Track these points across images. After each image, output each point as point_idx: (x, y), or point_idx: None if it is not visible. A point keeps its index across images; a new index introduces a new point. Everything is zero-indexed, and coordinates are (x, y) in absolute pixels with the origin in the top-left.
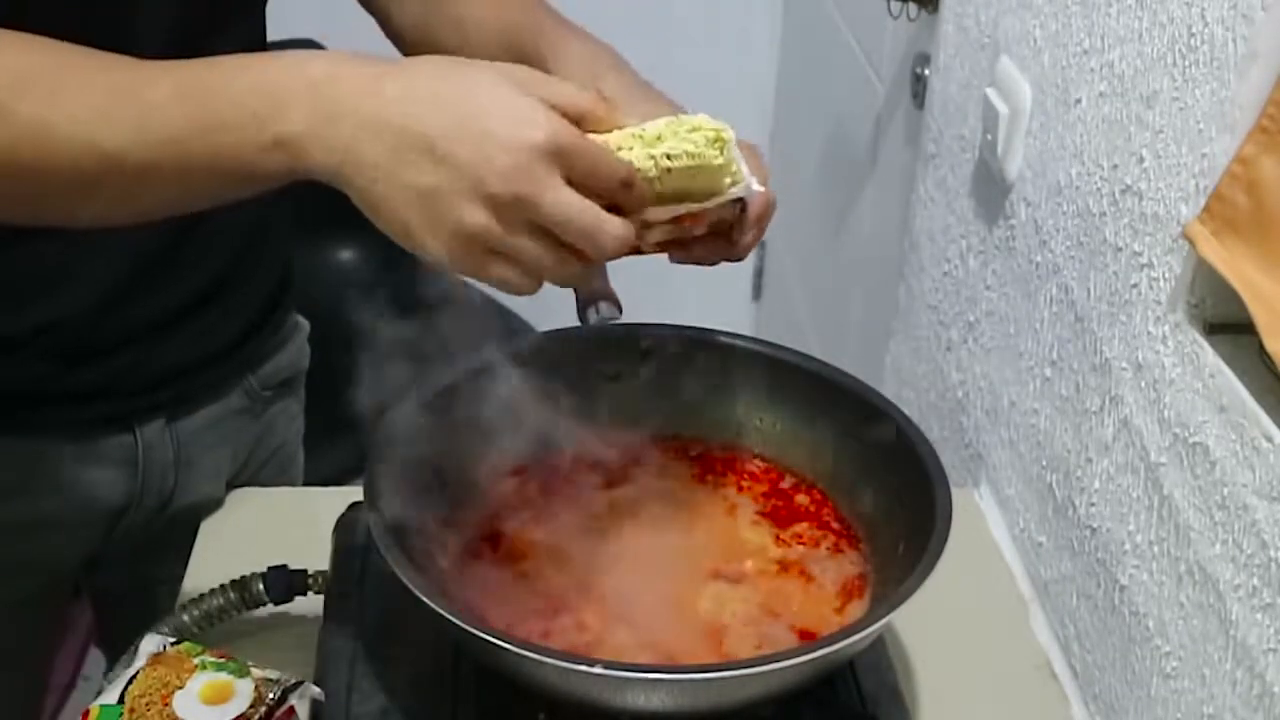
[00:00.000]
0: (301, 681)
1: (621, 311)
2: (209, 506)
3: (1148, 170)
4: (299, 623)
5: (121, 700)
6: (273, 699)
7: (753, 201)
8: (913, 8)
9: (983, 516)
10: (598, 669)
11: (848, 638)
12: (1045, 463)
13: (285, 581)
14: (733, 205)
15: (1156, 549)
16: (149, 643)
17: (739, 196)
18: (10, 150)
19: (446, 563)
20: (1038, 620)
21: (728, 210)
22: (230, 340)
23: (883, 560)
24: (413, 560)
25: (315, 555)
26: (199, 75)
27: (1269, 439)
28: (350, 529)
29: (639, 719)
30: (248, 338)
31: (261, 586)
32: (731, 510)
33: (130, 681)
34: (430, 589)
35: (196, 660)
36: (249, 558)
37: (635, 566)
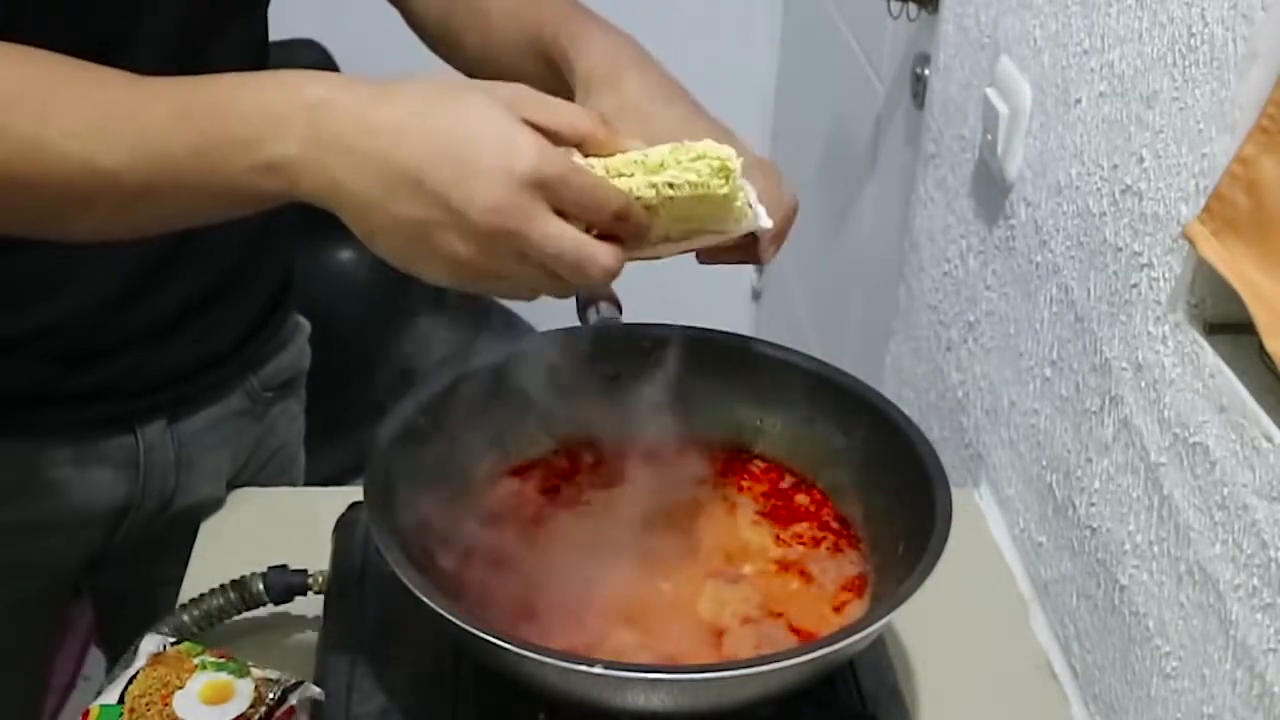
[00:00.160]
0: (301, 681)
1: (621, 311)
2: (209, 507)
3: (1148, 170)
4: (299, 623)
5: (121, 700)
6: (273, 699)
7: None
8: (913, 8)
9: (983, 516)
10: (598, 669)
11: (848, 638)
12: (1045, 463)
13: (285, 581)
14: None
15: (1156, 549)
16: (149, 643)
17: (749, 232)
18: (4, 165)
19: (446, 563)
20: (1038, 620)
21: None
22: (231, 341)
23: (883, 560)
24: (413, 560)
25: (315, 555)
26: (196, 94)
27: (1269, 439)
28: (350, 529)
29: (639, 719)
30: (249, 339)
31: (261, 586)
32: (731, 510)
33: (130, 681)
34: (430, 589)
35: (196, 660)
36: (249, 558)
37: (635, 566)
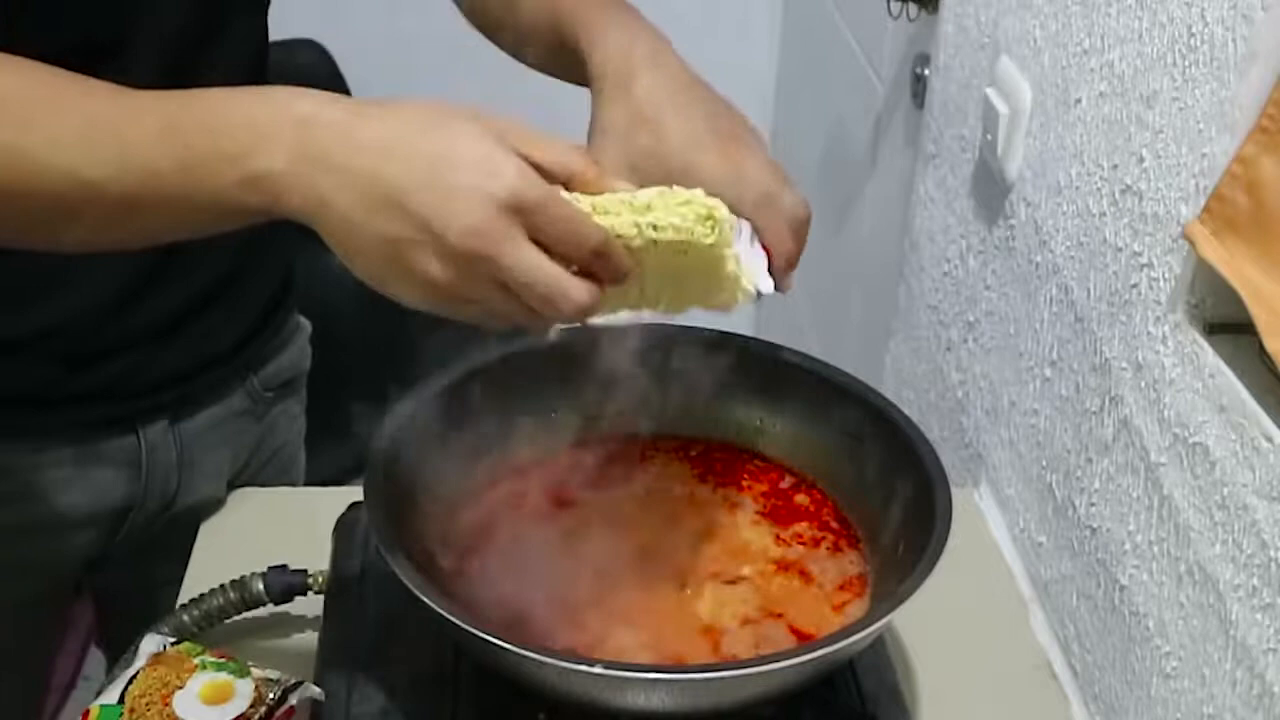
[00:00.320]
0: (301, 681)
1: None
2: (210, 507)
3: (1148, 170)
4: (299, 623)
5: (121, 700)
6: (273, 699)
7: (782, 238)
8: (913, 8)
9: (983, 516)
10: (598, 669)
11: (848, 638)
12: (1045, 463)
13: (285, 581)
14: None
15: (1156, 549)
16: (149, 643)
17: (750, 297)
18: None
19: (446, 563)
20: (1038, 620)
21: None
22: (233, 342)
23: (883, 560)
24: (413, 560)
25: (315, 555)
26: (183, 108)
27: (1269, 439)
28: (350, 529)
29: (639, 719)
30: (250, 339)
31: (261, 586)
32: (731, 510)
33: (130, 681)
34: (430, 589)
35: (196, 660)
36: (249, 558)
37: (635, 566)
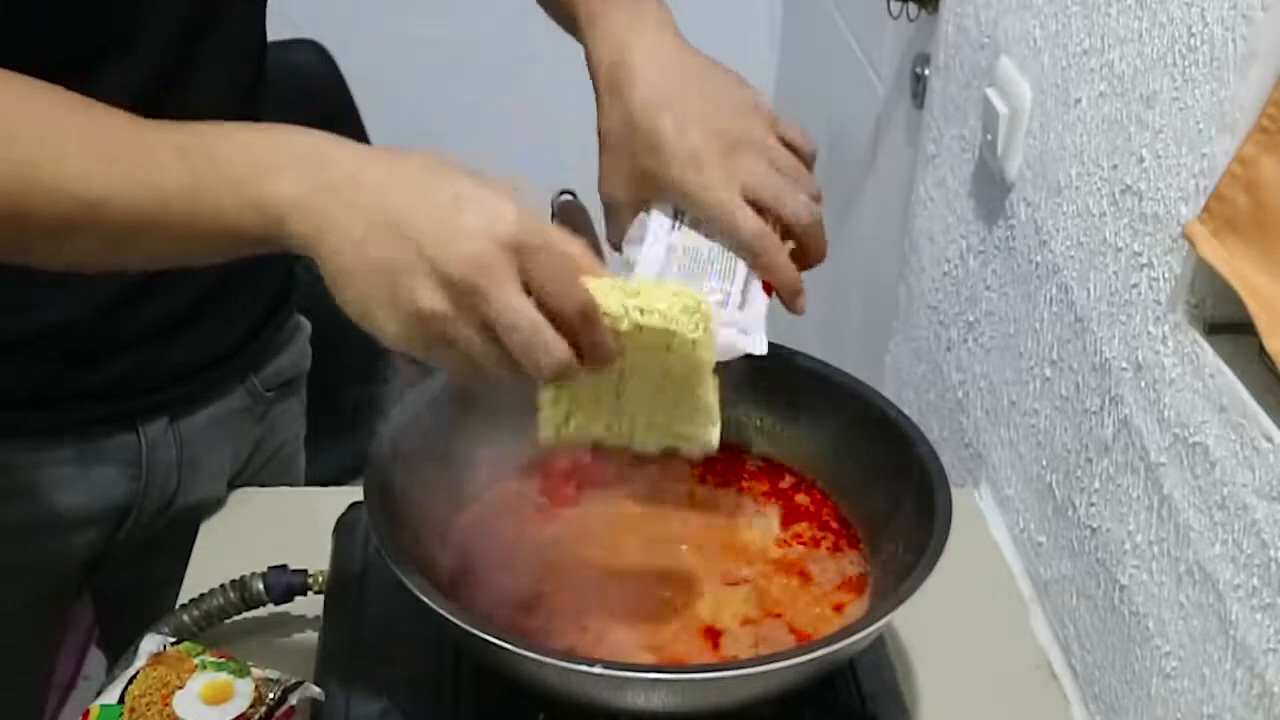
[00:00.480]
0: (301, 681)
1: None
2: (210, 507)
3: (1148, 170)
4: (299, 623)
5: (122, 700)
6: (273, 699)
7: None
8: (913, 8)
9: (983, 516)
10: (598, 669)
11: (848, 638)
12: (1045, 463)
13: (285, 581)
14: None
15: (1156, 549)
16: (149, 642)
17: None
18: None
19: (446, 563)
20: (1038, 620)
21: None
22: (233, 341)
23: (883, 560)
24: (413, 560)
25: (315, 555)
26: (195, 135)
27: (1269, 439)
28: (350, 529)
29: (639, 719)
30: (251, 339)
31: (261, 586)
32: (732, 510)
33: (130, 681)
34: (430, 589)
35: (196, 660)
36: (249, 558)
37: (635, 567)
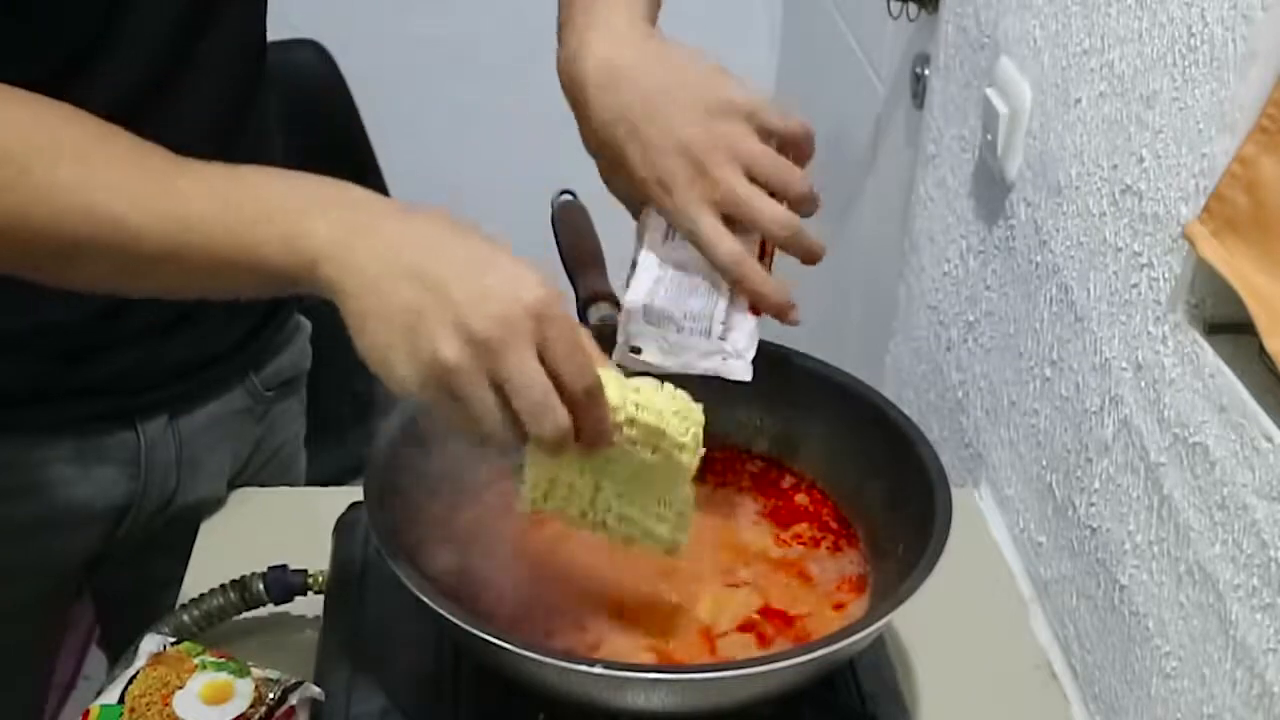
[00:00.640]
0: (301, 681)
1: (620, 311)
2: (210, 506)
3: (1148, 170)
4: (299, 623)
5: (122, 700)
6: (273, 699)
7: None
8: (913, 8)
9: (983, 516)
10: (598, 669)
11: (848, 638)
12: (1045, 463)
13: (285, 581)
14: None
15: (1156, 549)
16: (149, 642)
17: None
18: (31, 212)
19: (446, 563)
20: (1038, 620)
21: None
22: (233, 340)
23: (883, 560)
24: (413, 560)
25: (315, 555)
26: (236, 172)
27: (1269, 439)
28: (350, 529)
29: (639, 719)
30: (251, 338)
31: (261, 586)
32: (731, 510)
33: (130, 681)
34: (430, 589)
35: (196, 660)
36: (249, 558)
37: (635, 567)
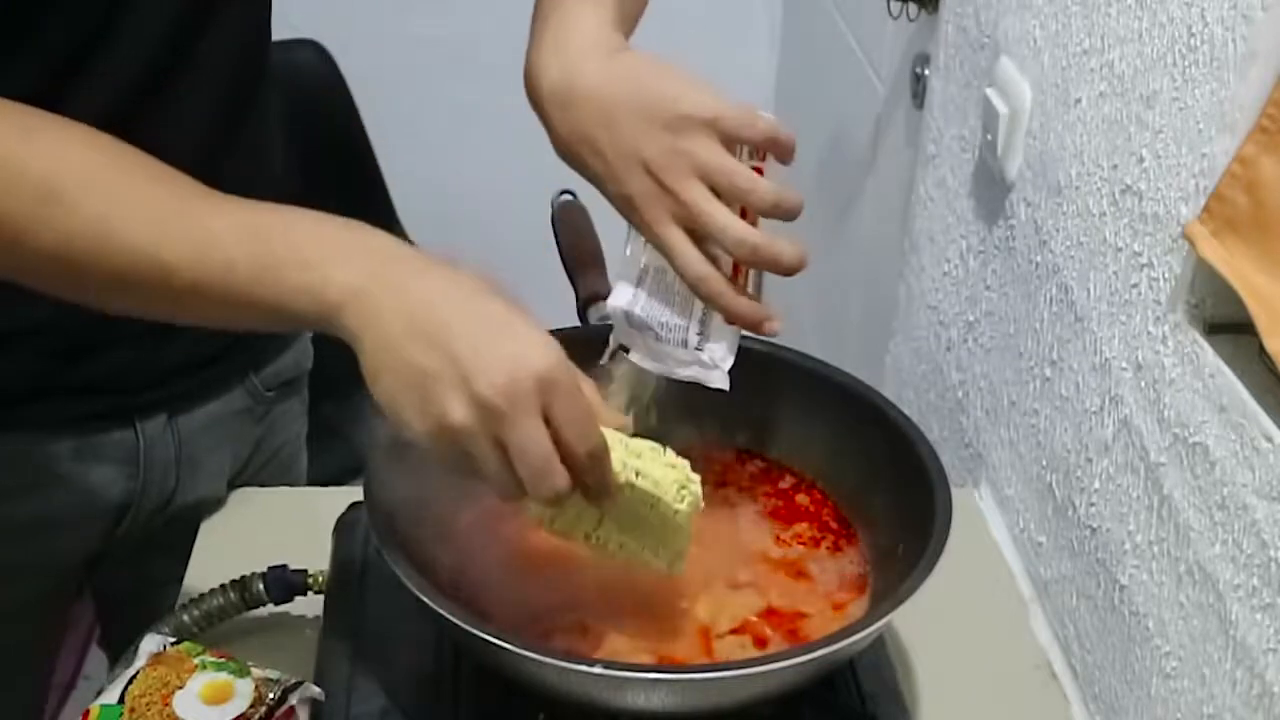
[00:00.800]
0: (301, 681)
1: None
2: (210, 506)
3: (1148, 170)
4: (299, 623)
5: (122, 700)
6: (273, 699)
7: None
8: (913, 8)
9: (983, 516)
10: (597, 669)
11: (848, 638)
12: (1045, 463)
13: (285, 581)
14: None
15: (1156, 549)
16: (149, 642)
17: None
18: (66, 244)
19: (446, 563)
20: (1038, 620)
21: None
22: (233, 339)
23: (883, 560)
24: (413, 560)
25: (315, 555)
26: (268, 213)
27: (1269, 439)
28: (350, 529)
29: (639, 719)
30: (251, 338)
31: (261, 586)
32: (731, 510)
33: (130, 681)
34: (430, 589)
35: (196, 660)
36: (249, 558)
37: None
